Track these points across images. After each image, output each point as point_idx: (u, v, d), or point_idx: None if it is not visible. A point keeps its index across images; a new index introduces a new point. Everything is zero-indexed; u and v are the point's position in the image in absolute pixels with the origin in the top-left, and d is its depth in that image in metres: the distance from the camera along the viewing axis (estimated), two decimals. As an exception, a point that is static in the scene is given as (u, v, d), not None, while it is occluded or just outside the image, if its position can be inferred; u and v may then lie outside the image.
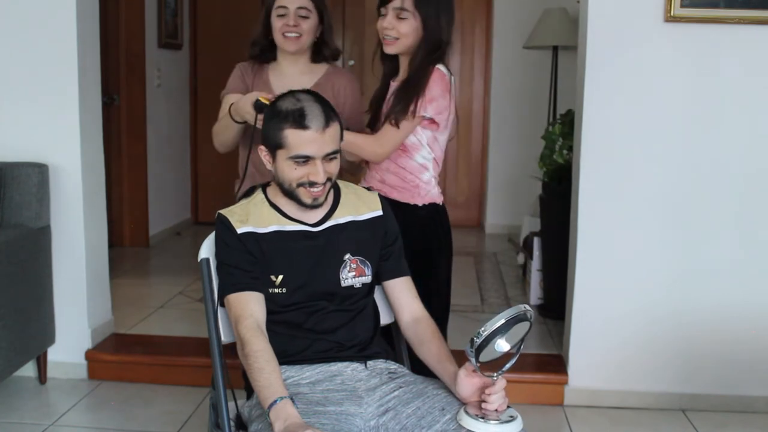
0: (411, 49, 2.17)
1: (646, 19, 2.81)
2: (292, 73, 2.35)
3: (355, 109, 2.40)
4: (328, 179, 1.74)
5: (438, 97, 2.14)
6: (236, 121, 2.17)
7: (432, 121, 2.17)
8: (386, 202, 1.92)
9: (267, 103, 1.93)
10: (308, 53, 2.39)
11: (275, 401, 1.52)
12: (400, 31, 2.13)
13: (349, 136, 2.10)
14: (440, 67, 2.16)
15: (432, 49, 2.15)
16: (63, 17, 2.98)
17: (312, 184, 1.72)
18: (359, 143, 2.18)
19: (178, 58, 5.64)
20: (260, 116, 1.99)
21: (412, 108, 2.12)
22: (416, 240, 2.12)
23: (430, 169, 2.23)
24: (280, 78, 2.35)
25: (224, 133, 2.28)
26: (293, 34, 2.28)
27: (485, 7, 5.99)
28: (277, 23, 2.28)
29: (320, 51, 2.38)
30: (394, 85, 2.24)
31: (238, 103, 2.12)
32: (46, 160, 3.00)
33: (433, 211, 2.24)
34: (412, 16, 2.11)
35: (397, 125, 2.13)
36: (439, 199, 2.26)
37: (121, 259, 4.75)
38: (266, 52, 2.37)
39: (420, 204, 2.21)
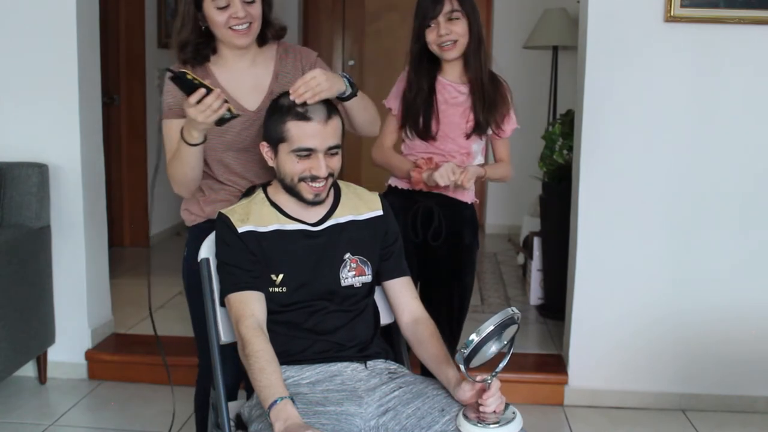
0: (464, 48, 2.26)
1: (646, 19, 2.81)
2: (242, 67, 1.98)
3: None
4: (330, 174, 1.74)
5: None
6: (192, 144, 1.80)
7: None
8: (386, 202, 1.92)
9: (186, 72, 1.71)
10: None
11: (275, 401, 1.52)
12: (458, 33, 2.21)
13: (495, 173, 2.37)
14: (503, 79, 2.38)
15: (479, 44, 2.26)
16: (63, 17, 2.98)
17: (314, 178, 1.72)
18: (505, 174, 2.43)
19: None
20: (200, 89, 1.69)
21: (507, 124, 2.38)
22: (466, 235, 2.34)
23: None
24: (229, 76, 1.97)
25: (185, 167, 1.87)
26: (243, 26, 1.88)
27: (485, 7, 5.98)
28: (218, 16, 1.87)
29: (263, 34, 1.97)
30: (447, 82, 2.29)
31: (187, 122, 1.77)
32: (46, 160, 3.01)
33: (474, 209, 2.41)
34: (462, 15, 2.20)
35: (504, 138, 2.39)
36: (476, 198, 2.43)
37: (121, 259, 4.75)
38: (202, 50, 1.95)
39: (469, 202, 2.36)
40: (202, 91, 1.69)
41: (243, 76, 1.97)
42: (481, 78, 2.26)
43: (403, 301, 1.86)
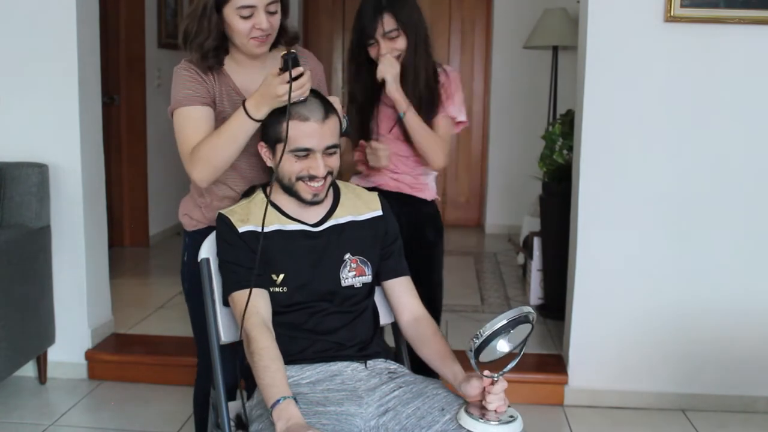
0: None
1: (646, 19, 2.81)
2: (254, 69, 1.95)
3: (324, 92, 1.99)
4: (329, 173, 1.74)
5: (462, 101, 2.30)
6: (257, 120, 1.76)
7: (459, 123, 2.34)
8: (386, 202, 1.92)
9: (293, 51, 1.68)
10: None
11: (278, 401, 1.52)
12: (399, 48, 2.20)
13: (420, 126, 2.21)
14: (447, 67, 2.31)
15: (425, 45, 2.23)
16: (63, 17, 2.98)
17: (312, 177, 1.72)
18: (433, 142, 2.24)
19: (178, 58, 5.60)
20: (295, 70, 1.67)
21: (449, 113, 2.28)
22: (428, 232, 2.35)
23: (431, 172, 2.39)
24: (243, 79, 1.96)
25: (234, 144, 1.81)
26: (263, 35, 1.87)
27: (485, 7, 5.99)
28: (241, 25, 1.84)
29: (276, 39, 1.95)
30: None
31: (264, 91, 1.72)
32: (46, 160, 3.01)
33: (436, 206, 2.41)
34: (401, 32, 2.19)
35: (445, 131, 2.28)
36: (437, 196, 2.43)
37: (121, 259, 4.75)
38: (221, 55, 1.93)
39: (429, 199, 2.36)
40: (300, 69, 1.68)
41: (255, 80, 1.93)
42: (416, 85, 2.23)
43: (403, 300, 1.86)
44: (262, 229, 1.71)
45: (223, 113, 1.92)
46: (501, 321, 1.51)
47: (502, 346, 1.55)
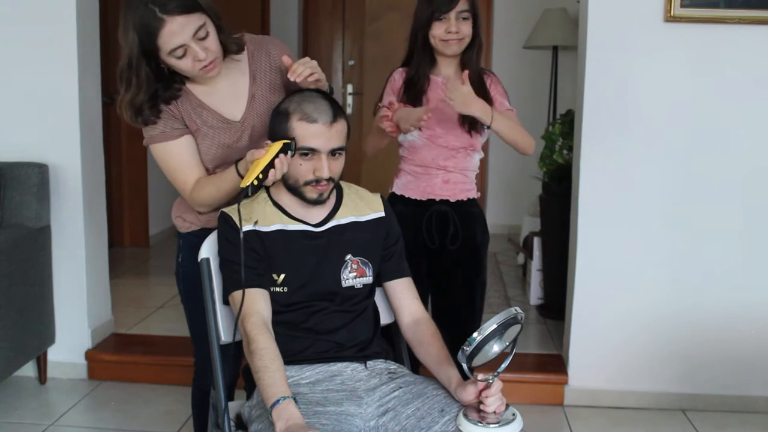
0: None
1: (646, 19, 2.81)
2: (216, 78, 1.89)
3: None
4: (332, 177, 1.74)
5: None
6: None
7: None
8: (388, 203, 1.92)
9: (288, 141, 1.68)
10: None
11: (278, 401, 1.52)
12: (465, 32, 2.24)
13: (508, 126, 2.26)
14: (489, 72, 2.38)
15: (480, 46, 2.31)
16: (63, 17, 2.99)
17: (318, 181, 1.72)
18: (521, 134, 2.34)
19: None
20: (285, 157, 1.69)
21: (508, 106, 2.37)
22: (478, 233, 2.39)
23: (477, 168, 2.45)
24: (207, 91, 1.91)
25: (228, 196, 1.86)
26: (207, 62, 1.80)
27: (485, 7, 5.98)
28: (182, 64, 1.78)
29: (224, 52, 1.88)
30: (441, 80, 2.28)
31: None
32: (46, 160, 3.01)
33: (479, 205, 2.45)
34: (470, 17, 2.25)
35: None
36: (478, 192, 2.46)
37: (121, 259, 4.75)
38: (161, 96, 1.87)
39: (473, 198, 2.40)
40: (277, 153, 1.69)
41: (220, 88, 1.92)
42: (474, 77, 2.27)
43: (404, 302, 1.86)
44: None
45: (198, 131, 1.91)
46: (491, 326, 1.51)
47: (494, 348, 1.55)
